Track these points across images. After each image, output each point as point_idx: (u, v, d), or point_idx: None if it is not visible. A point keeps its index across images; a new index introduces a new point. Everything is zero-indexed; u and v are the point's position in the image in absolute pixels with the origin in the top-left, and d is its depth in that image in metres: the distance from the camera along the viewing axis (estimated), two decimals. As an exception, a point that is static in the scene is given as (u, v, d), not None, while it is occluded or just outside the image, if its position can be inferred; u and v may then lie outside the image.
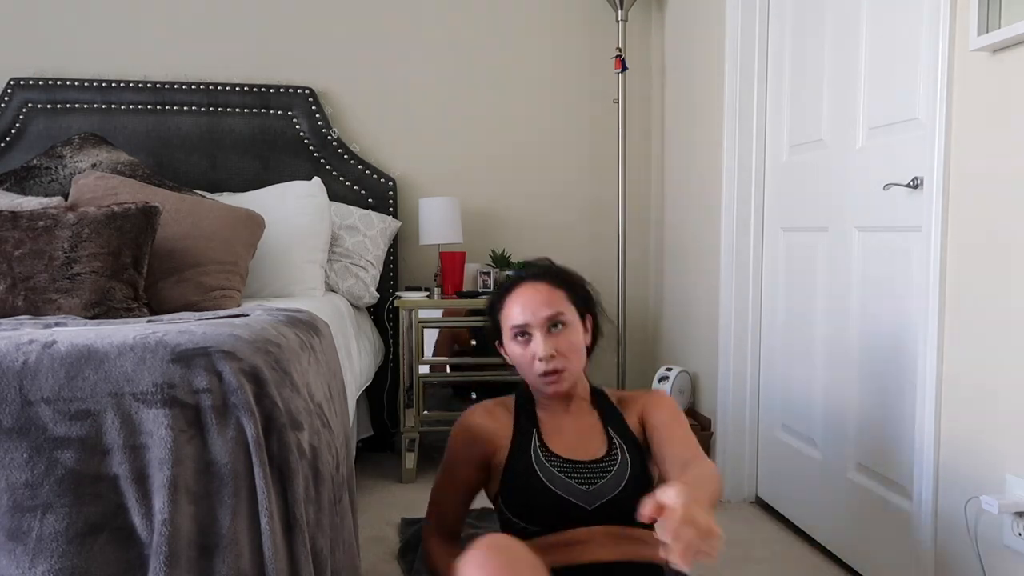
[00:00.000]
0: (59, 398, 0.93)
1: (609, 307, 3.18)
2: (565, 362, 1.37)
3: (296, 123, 2.97)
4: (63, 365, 0.94)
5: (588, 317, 1.47)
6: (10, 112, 2.80)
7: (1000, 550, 1.46)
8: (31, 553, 0.89)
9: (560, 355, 1.37)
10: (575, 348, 1.39)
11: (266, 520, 0.94)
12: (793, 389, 2.29)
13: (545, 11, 3.17)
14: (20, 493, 0.90)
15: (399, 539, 2.19)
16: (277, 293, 2.52)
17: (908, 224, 1.77)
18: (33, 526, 0.90)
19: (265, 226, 2.38)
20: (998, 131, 1.47)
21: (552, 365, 1.36)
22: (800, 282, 2.26)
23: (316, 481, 1.04)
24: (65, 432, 0.92)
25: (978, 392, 1.53)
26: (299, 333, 1.28)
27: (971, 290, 1.54)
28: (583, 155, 3.23)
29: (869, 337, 1.93)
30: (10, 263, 1.79)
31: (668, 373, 2.74)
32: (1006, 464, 1.45)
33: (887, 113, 1.86)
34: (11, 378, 0.93)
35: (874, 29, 1.91)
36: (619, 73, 2.97)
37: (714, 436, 2.60)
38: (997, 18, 1.44)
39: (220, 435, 0.95)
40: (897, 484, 1.82)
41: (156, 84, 2.89)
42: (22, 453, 0.91)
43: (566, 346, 1.38)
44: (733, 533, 2.28)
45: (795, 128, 2.29)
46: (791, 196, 2.32)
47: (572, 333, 1.39)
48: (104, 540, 0.92)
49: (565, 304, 1.40)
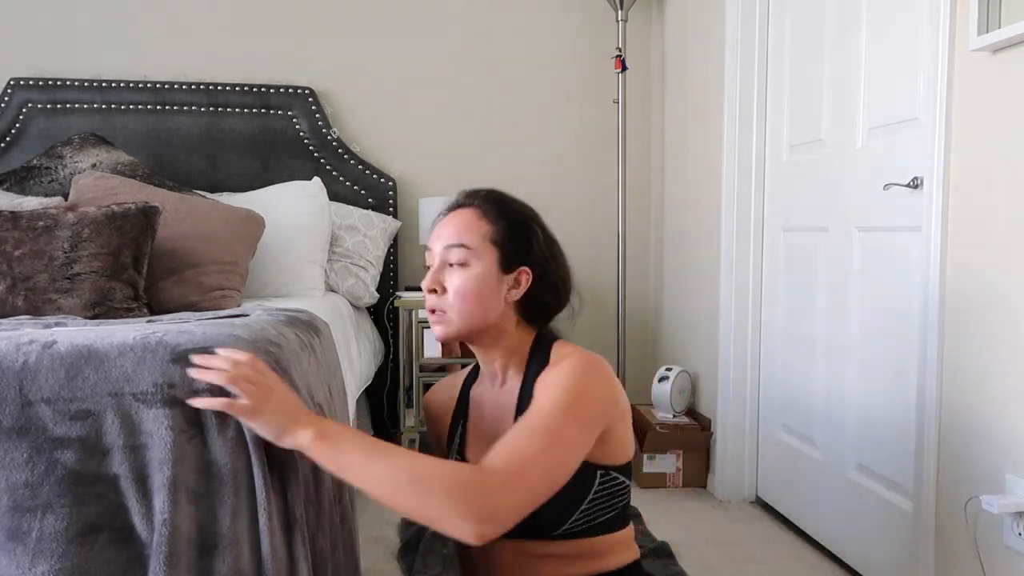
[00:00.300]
0: (59, 398, 0.93)
1: (609, 307, 3.18)
2: (445, 303, 1.12)
3: (296, 123, 2.97)
4: (63, 365, 0.94)
5: (523, 270, 1.15)
6: (10, 112, 2.80)
7: (1000, 550, 1.46)
8: (31, 553, 0.89)
9: (444, 293, 1.13)
10: (467, 292, 1.11)
11: (265, 520, 0.94)
12: (793, 389, 2.29)
13: (545, 11, 3.17)
14: (20, 493, 0.90)
15: (399, 539, 2.18)
16: (277, 293, 2.52)
17: (908, 224, 1.77)
18: (33, 526, 0.90)
19: (265, 226, 2.38)
20: (998, 131, 1.47)
21: (431, 303, 1.13)
22: (800, 282, 2.26)
23: (316, 481, 1.04)
24: (65, 432, 0.92)
25: (978, 392, 1.53)
26: (299, 333, 1.28)
27: (971, 290, 1.54)
28: (583, 155, 3.23)
29: (869, 337, 1.93)
30: (10, 263, 1.78)
31: (668, 373, 2.74)
32: (1006, 464, 1.45)
33: (887, 113, 1.86)
34: (11, 378, 0.93)
35: (874, 29, 1.91)
36: (619, 73, 2.97)
37: (714, 436, 2.60)
38: (997, 18, 1.44)
39: (220, 435, 0.95)
40: (897, 484, 1.82)
41: (156, 84, 2.89)
42: (22, 453, 0.91)
43: (456, 285, 1.12)
44: (733, 533, 2.28)
45: (795, 128, 2.29)
46: (791, 196, 2.32)
47: (470, 274, 1.11)
48: (104, 540, 0.91)
49: (480, 241, 1.13)
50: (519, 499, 0.95)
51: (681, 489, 2.64)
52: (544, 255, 1.18)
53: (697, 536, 2.23)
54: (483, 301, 1.12)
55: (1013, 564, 1.43)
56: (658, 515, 2.36)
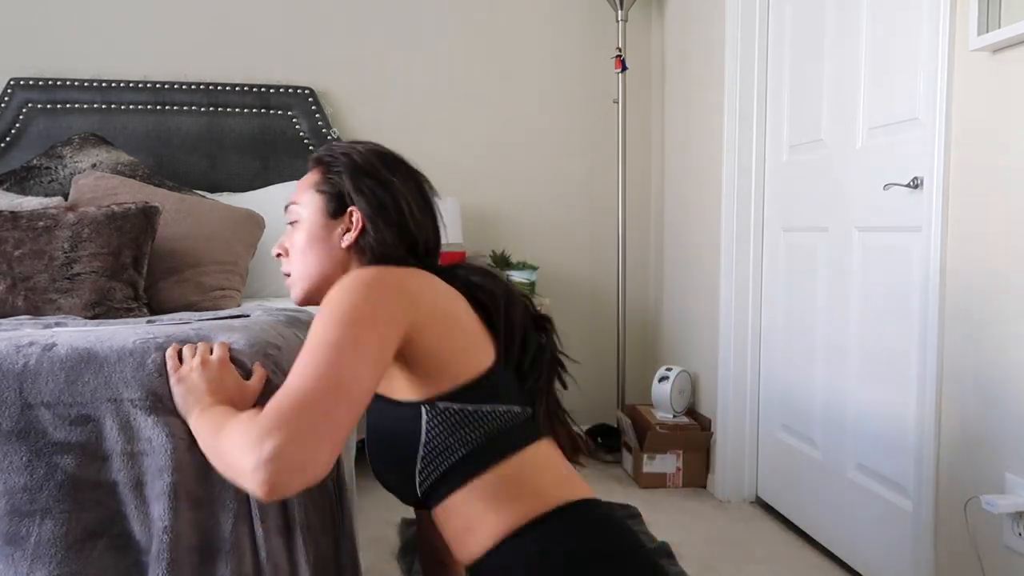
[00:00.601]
0: (59, 402, 0.93)
1: (609, 307, 3.18)
2: (290, 265, 1.11)
3: (296, 123, 2.97)
4: (63, 369, 0.94)
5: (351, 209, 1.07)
6: (10, 112, 2.80)
7: (1000, 550, 1.46)
8: (29, 559, 0.89)
9: (284, 254, 1.12)
10: (296, 247, 1.09)
11: (259, 525, 0.94)
12: (793, 389, 2.29)
13: (545, 11, 3.17)
14: (19, 497, 0.90)
15: (399, 539, 2.19)
16: (277, 293, 2.52)
17: (908, 224, 1.77)
18: (32, 531, 0.90)
19: (265, 226, 2.38)
20: (998, 131, 1.47)
21: (282, 268, 1.12)
22: (800, 282, 2.26)
23: (318, 483, 1.04)
24: (65, 437, 0.92)
25: (978, 392, 1.53)
26: (299, 334, 1.28)
27: (971, 290, 1.54)
28: (583, 155, 3.23)
29: (869, 337, 1.93)
30: (10, 263, 1.79)
31: (668, 373, 2.74)
32: (1006, 464, 1.45)
33: (887, 113, 1.86)
34: (11, 380, 0.93)
35: (874, 29, 1.91)
36: (619, 73, 2.97)
37: (714, 436, 2.60)
38: (997, 18, 1.44)
39: None
40: (897, 484, 1.82)
41: (156, 84, 2.89)
42: (21, 457, 0.91)
43: (292, 243, 1.10)
44: (733, 533, 2.28)
45: (795, 128, 2.29)
46: (791, 196, 2.32)
47: (299, 228, 1.09)
48: (103, 546, 0.91)
49: (307, 194, 1.10)
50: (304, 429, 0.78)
51: (681, 489, 2.64)
52: (370, 188, 1.06)
53: (697, 536, 2.23)
54: (315, 251, 1.07)
55: (1013, 564, 1.43)
56: (658, 515, 2.36)
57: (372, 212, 1.06)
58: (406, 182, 1.09)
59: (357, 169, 1.08)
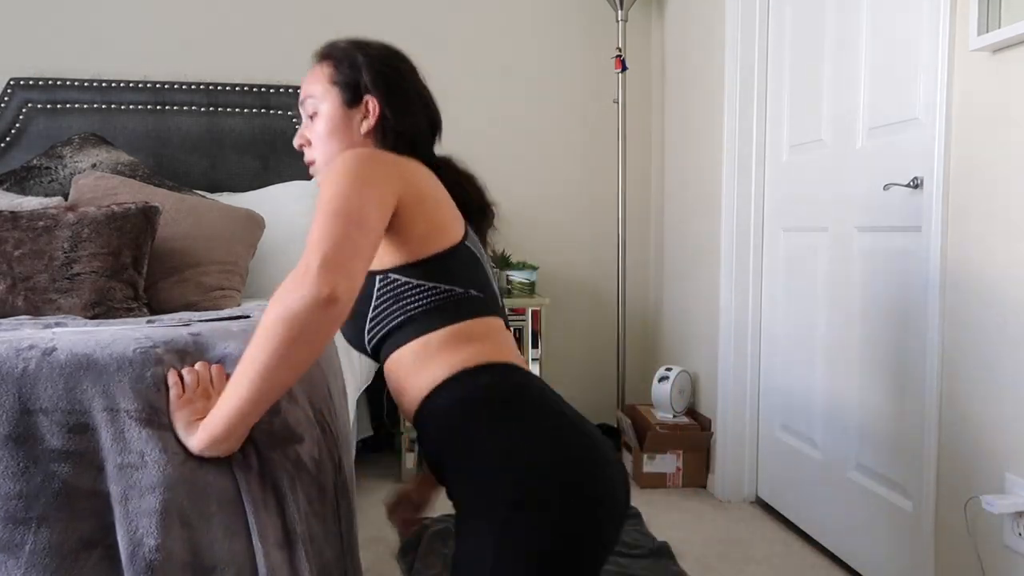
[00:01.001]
0: (57, 409, 0.91)
1: (609, 307, 3.18)
2: (313, 154, 1.21)
3: (296, 123, 2.97)
4: (62, 375, 0.93)
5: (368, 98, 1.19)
6: (10, 112, 2.80)
7: (1000, 550, 1.46)
8: (23, 567, 0.87)
9: (307, 144, 1.22)
10: (322, 135, 1.19)
11: (258, 540, 0.93)
12: (793, 389, 2.29)
13: (545, 11, 3.17)
14: (14, 504, 0.88)
15: (399, 539, 2.19)
16: (277, 293, 2.52)
17: (908, 224, 1.77)
18: (27, 539, 0.88)
19: (265, 226, 2.38)
20: (998, 131, 1.47)
21: (306, 157, 1.22)
22: (800, 282, 2.26)
23: (320, 493, 1.03)
24: (63, 444, 0.91)
25: (978, 392, 1.53)
26: (299, 334, 1.28)
27: (971, 290, 1.54)
28: (583, 155, 3.23)
29: (869, 337, 1.93)
30: (10, 263, 1.78)
31: (668, 373, 2.74)
32: (1006, 464, 1.46)
33: (887, 113, 1.86)
34: (10, 384, 0.91)
35: (874, 29, 1.91)
36: (619, 73, 2.97)
37: (714, 436, 2.60)
38: (997, 18, 1.44)
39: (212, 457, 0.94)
40: (897, 484, 1.82)
41: (156, 84, 2.89)
42: (18, 463, 0.89)
43: (315, 133, 1.20)
44: (733, 533, 2.28)
45: (795, 128, 2.29)
46: (791, 196, 2.32)
47: (320, 118, 1.19)
48: (97, 556, 0.90)
49: (323, 86, 1.20)
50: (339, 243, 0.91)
51: (681, 489, 2.64)
52: (385, 79, 1.19)
53: (697, 536, 2.23)
54: (338, 139, 1.18)
55: (1013, 564, 1.43)
56: (658, 515, 2.36)
57: (389, 99, 1.19)
58: (412, 71, 1.24)
59: (372, 61, 1.20)
